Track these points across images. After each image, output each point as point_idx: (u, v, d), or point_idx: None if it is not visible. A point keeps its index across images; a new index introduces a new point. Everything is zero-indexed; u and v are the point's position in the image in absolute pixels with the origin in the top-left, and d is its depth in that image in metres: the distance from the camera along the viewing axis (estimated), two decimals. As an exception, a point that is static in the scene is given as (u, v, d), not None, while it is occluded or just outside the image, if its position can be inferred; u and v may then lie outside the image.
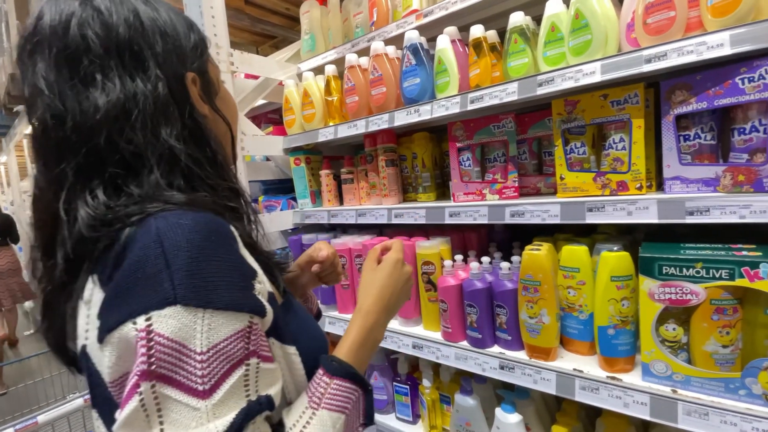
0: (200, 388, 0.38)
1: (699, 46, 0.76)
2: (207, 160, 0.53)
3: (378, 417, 1.40)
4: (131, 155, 0.47)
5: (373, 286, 0.63)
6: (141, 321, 0.38)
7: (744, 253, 0.72)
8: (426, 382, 1.25)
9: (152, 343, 0.38)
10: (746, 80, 0.75)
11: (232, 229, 0.47)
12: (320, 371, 0.52)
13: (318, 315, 0.87)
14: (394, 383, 1.36)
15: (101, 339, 0.40)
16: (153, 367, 0.38)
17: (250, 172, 1.57)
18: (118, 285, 0.41)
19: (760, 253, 0.71)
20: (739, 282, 0.71)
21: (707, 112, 0.82)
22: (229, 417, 0.39)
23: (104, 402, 0.43)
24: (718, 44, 0.74)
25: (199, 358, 0.38)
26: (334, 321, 1.42)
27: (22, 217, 4.32)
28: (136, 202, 0.45)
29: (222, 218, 0.48)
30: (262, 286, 0.47)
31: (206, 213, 0.46)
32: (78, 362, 0.48)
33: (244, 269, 0.45)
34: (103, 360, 0.41)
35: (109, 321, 0.40)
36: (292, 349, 0.52)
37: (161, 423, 0.38)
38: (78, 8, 0.48)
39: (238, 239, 0.48)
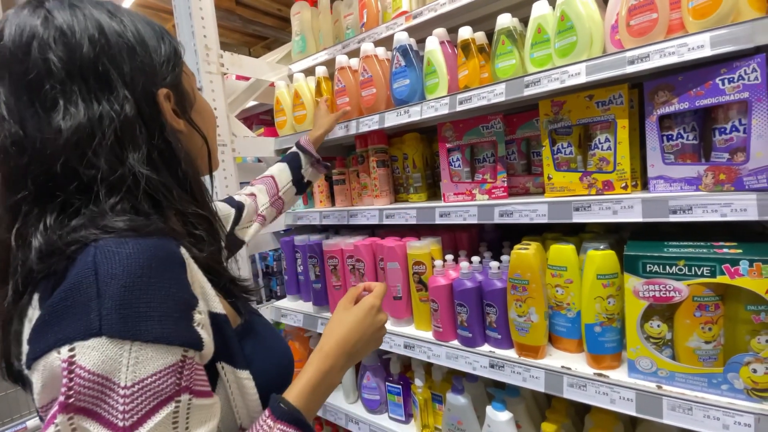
0: (121, 424, 0.36)
1: (680, 47, 0.77)
2: (177, 182, 0.52)
3: (371, 417, 1.40)
4: (91, 181, 0.45)
5: (340, 327, 0.61)
6: (64, 351, 0.36)
7: (725, 250, 0.74)
8: (418, 382, 1.26)
9: (73, 375, 0.36)
10: (726, 81, 0.77)
11: (183, 254, 0.45)
12: (266, 412, 0.49)
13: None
14: (387, 383, 1.37)
15: (29, 366, 0.39)
16: (72, 399, 0.36)
17: (242, 173, 1.57)
18: (48, 311, 0.39)
19: (740, 251, 0.72)
20: (720, 279, 0.72)
21: (689, 113, 0.84)
22: None
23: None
24: (698, 45, 0.76)
25: (122, 392, 0.37)
26: (327, 322, 1.42)
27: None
28: (76, 229, 0.43)
29: (174, 242, 0.46)
30: (202, 316, 0.44)
31: (151, 238, 0.43)
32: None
33: (184, 298, 0.43)
34: (33, 386, 0.39)
35: (36, 348, 0.38)
36: (244, 374, 0.50)
37: None
38: (39, 28, 0.45)
39: (189, 264, 0.46)
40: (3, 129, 0.44)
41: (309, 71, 1.58)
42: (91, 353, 0.36)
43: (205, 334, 0.43)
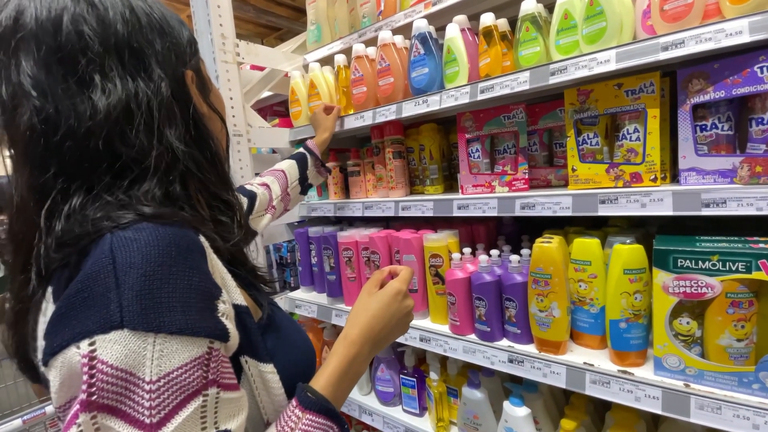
0: (148, 420, 0.34)
1: (717, 33, 0.74)
2: (207, 163, 0.52)
3: (385, 409, 1.40)
4: (127, 161, 0.44)
5: (365, 313, 0.59)
6: (84, 345, 0.35)
7: (761, 245, 0.71)
8: (433, 375, 1.25)
9: (95, 370, 0.34)
10: (765, 69, 0.73)
11: (202, 242, 0.44)
12: (293, 402, 0.48)
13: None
14: (401, 376, 1.36)
15: (45, 362, 0.37)
16: (94, 397, 0.34)
17: (257, 164, 1.56)
18: (64, 303, 0.37)
19: (778, 246, 0.69)
20: (756, 275, 0.69)
21: (724, 102, 0.80)
22: None
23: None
24: (736, 31, 0.72)
25: (147, 387, 0.35)
26: (341, 313, 1.42)
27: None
28: (98, 217, 0.41)
29: (195, 230, 0.44)
30: (227, 306, 0.43)
31: (172, 226, 0.42)
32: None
33: (207, 288, 0.41)
34: (51, 384, 0.37)
35: (53, 343, 0.36)
36: (268, 368, 0.49)
37: None
38: (69, 2, 0.43)
39: (209, 253, 0.44)
40: (29, 105, 0.42)
41: (324, 61, 1.56)
42: (113, 347, 0.34)
43: (230, 325, 0.42)
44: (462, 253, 1.12)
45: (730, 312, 0.73)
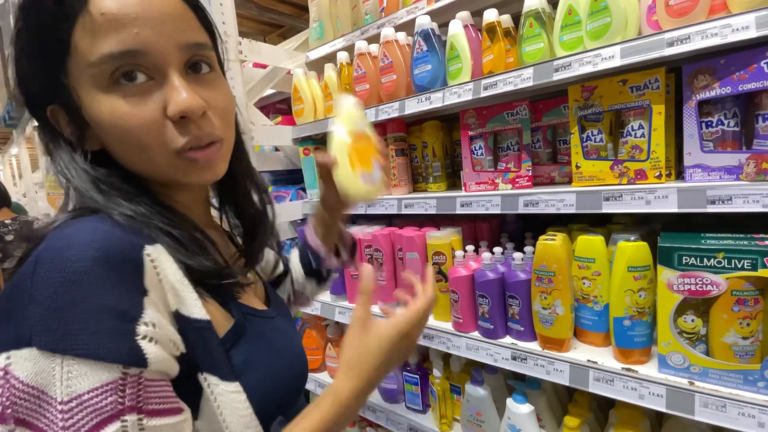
0: None
1: (723, 28, 0.73)
2: None
3: (388, 406, 1.40)
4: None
5: (361, 362, 0.49)
6: (2, 359, 0.34)
7: (767, 242, 0.70)
8: (436, 372, 1.25)
9: (8, 385, 0.33)
10: (773, 64, 0.72)
11: (146, 256, 0.39)
12: None
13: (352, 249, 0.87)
14: (404, 372, 1.36)
15: None
16: (9, 411, 0.33)
17: (260, 162, 1.57)
18: None
19: (784, 243, 0.69)
20: (762, 272, 0.69)
21: (731, 98, 0.79)
22: None
23: None
24: (743, 27, 0.71)
25: (59, 407, 0.33)
26: (344, 311, 1.42)
27: (35, 209, 4.37)
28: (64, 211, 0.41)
29: (142, 240, 0.41)
30: (150, 329, 0.37)
31: (114, 229, 0.39)
32: None
33: (124, 309, 0.36)
34: None
35: None
36: (231, 386, 0.44)
37: None
38: None
39: (149, 268, 0.39)
40: None
41: (327, 58, 1.56)
42: (25, 364, 0.33)
43: (155, 349, 0.37)
44: (465, 251, 1.12)
45: (735, 310, 0.72)
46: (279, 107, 2.13)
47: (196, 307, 0.43)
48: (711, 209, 0.76)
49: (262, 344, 0.51)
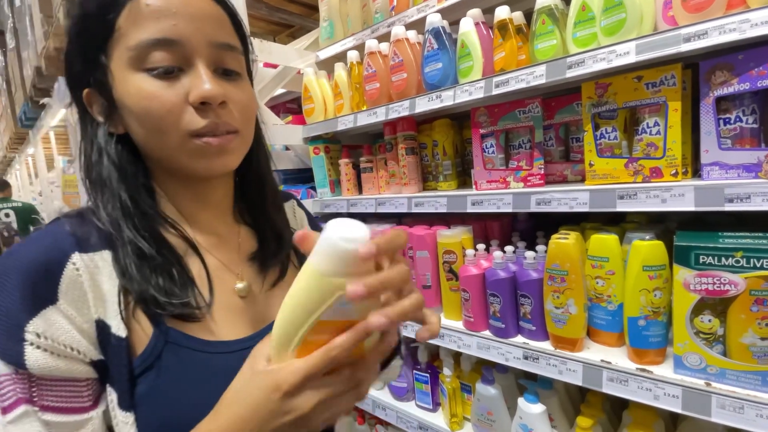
0: (1, 403, 0.39)
1: (742, 23, 0.72)
2: None
3: (398, 404, 1.40)
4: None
5: (230, 408, 0.39)
6: None
7: (788, 242, 0.69)
8: (447, 371, 1.25)
9: None
10: (793, 59, 0.71)
11: (72, 260, 0.42)
12: None
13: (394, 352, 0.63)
14: (414, 371, 1.36)
15: None
16: None
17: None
18: None
19: (806, 242, 0.67)
20: (782, 272, 0.67)
21: (749, 94, 0.78)
22: None
23: None
24: (762, 21, 0.70)
25: None
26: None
27: (50, 208, 4.46)
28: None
29: (92, 243, 0.44)
30: (37, 338, 0.39)
31: (54, 237, 0.44)
32: None
33: (15, 314, 0.40)
34: None
35: None
36: (122, 415, 0.42)
37: None
38: None
39: (70, 273, 0.42)
40: None
41: (337, 57, 1.57)
42: None
43: (38, 355, 0.39)
44: (476, 250, 1.12)
45: (754, 310, 0.71)
46: (289, 107, 2.14)
47: (115, 321, 0.44)
48: (729, 208, 0.75)
49: (176, 380, 0.45)
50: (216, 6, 0.49)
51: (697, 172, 0.88)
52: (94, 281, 0.43)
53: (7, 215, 4.08)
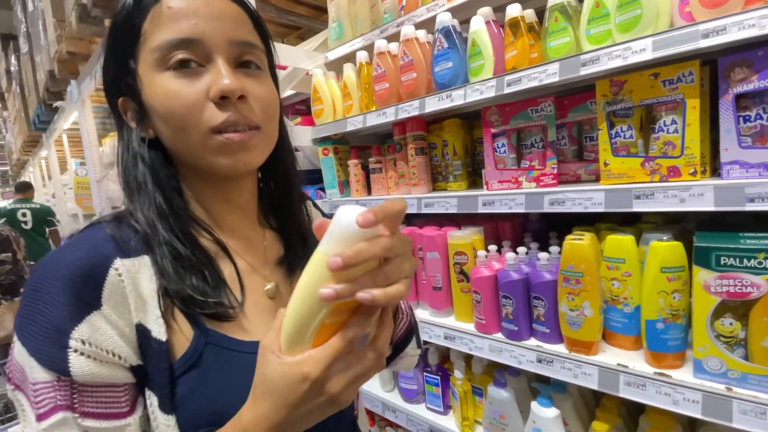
0: (35, 412, 0.40)
1: (762, 19, 0.70)
2: None
3: (408, 406, 1.39)
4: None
5: (263, 399, 0.40)
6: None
7: (813, 242, 0.67)
8: (458, 374, 1.23)
9: (11, 357, 0.42)
10: (817, 55, 0.69)
11: (114, 266, 0.43)
12: None
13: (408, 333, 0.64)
14: (425, 373, 1.35)
15: None
16: (9, 372, 0.42)
17: (279, 162, 1.57)
18: None
19: (832, 243, 0.65)
20: (807, 274, 0.65)
21: (770, 91, 0.76)
22: None
23: None
24: (783, 16, 0.68)
25: (30, 386, 0.40)
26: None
27: (63, 209, 4.53)
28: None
29: (131, 248, 0.45)
30: (80, 344, 0.40)
31: (95, 244, 0.44)
32: None
33: (59, 322, 0.40)
34: None
35: None
36: (163, 418, 0.43)
37: (23, 421, 0.41)
38: None
39: (112, 279, 0.42)
40: None
41: (346, 58, 1.56)
42: (17, 345, 0.41)
43: (82, 361, 0.40)
44: (487, 251, 1.10)
45: (777, 313, 0.69)
46: (298, 108, 2.14)
47: (155, 325, 0.44)
48: (750, 208, 0.73)
49: (217, 380, 0.46)
50: (236, 6, 0.50)
51: (716, 171, 0.86)
52: (135, 286, 0.44)
53: (24, 215, 4.19)
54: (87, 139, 2.52)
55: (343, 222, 0.34)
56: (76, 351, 0.40)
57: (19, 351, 0.41)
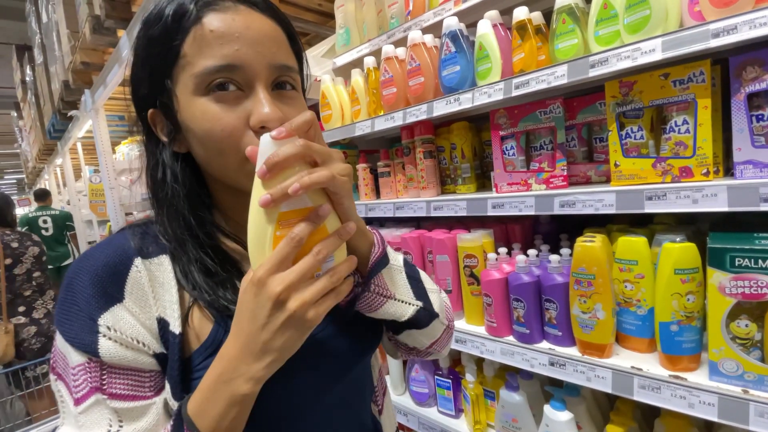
0: (73, 395, 0.44)
1: (774, 17, 0.69)
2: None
3: (420, 410, 1.39)
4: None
5: (235, 321, 0.42)
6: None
7: (831, 242, 0.66)
8: (469, 377, 1.23)
9: (54, 347, 0.47)
10: (831, 52, 0.68)
11: (135, 264, 0.47)
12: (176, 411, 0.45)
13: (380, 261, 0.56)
14: (436, 377, 1.35)
15: None
16: (53, 363, 0.47)
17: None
18: None
19: None
20: (826, 274, 0.64)
21: (784, 89, 0.75)
22: None
23: None
24: (795, 14, 0.67)
25: (71, 371, 0.44)
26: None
27: (78, 216, 4.61)
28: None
29: (152, 250, 0.49)
30: (108, 330, 0.44)
31: (121, 244, 0.49)
32: None
33: (90, 309, 0.44)
34: None
35: None
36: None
37: (63, 412, 0.45)
38: None
39: (134, 276, 0.47)
40: None
41: (354, 64, 1.58)
42: (57, 335, 0.46)
43: (109, 345, 0.44)
44: (498, 253, 1.10)
45: (795, 314, 0.68)
46: (306, 113, 2.16)
47: (172, 319, 0.47)
48: (765, 207, 0.72)
49: None
50: (275, 25, 0.50)
51: (729, 171, 0.85)
52: (153, 283, 0.48)
53: (45, 221, 4.32)
54: (101, 147, 2.58)
55: (264, 142, 0.40)
56: (104, 336, 0.44)
57: (59, 339, 0.45)
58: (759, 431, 0.71)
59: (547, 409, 0.99)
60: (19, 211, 5.20)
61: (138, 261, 0.48)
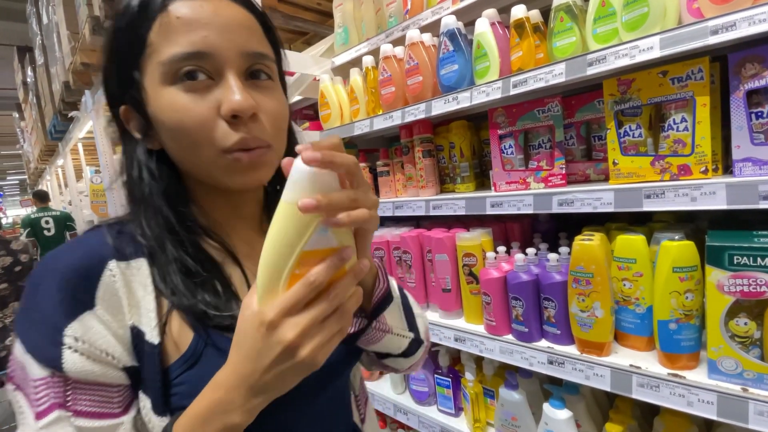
0: (33, 409, 0.40)
1: (773, 13, 0.69)
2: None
3: (419, 408, 1.39)
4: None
5: (235, 350, 0.40)
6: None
7: (830, 240, 0.66)
8: (469, 376, 1.23)
9: (12, 356, 0.42)
10: (830, 48, 0.67)
11: (109, 267, 0.43)
12: None
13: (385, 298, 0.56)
14: (435, 375, 1.35)
15: None
16: (11, 373, 0.42)
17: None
18: None
19: None
20: (824, 272, 0.64)
21: (783, 86, 0.74)
22: None
23: None
24: (795, 11, 0.67)
25: (31, 383, 0.40)
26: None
27: (79, 216, 4.63)
28: None
29: (129, 251, 0.45)
30: (73, 342, 0.40)
31: (94, 243, 0.45)
32: None
33: (54, 318, 0.40)
34: None
35: None
36: (163, 421, 0.43)
37: (22, 424, 0.41)
38: None
39: (107, 280, 0.43)
40: None
41: (352, 63, 1.57)
42: (17, 343, 0.41)
43: (75, 358, 0.40)
44: (496, 252, 1.10)
45: (794, 312, 0.68)
46: (306, 113, 2.16)
47: (149, 327, 0.44)
48: (764, 205, 0.71)
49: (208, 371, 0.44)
50: (246, 13, 0.48)
51: (728, 169, 0.85)
52: (129, 288, 0.44)
53: (47, 222, 4.36)
54: (101, 148, 2.58)
55: (301, 169, 0.35)
56: (69, 348, 0.40)
57: (18, 348, 0.41)
58: (758, 429, 0.71)
59: (547, 407, 0.99)
60: (22, 212, 5.25)
61: (113, 264, 0.44)
